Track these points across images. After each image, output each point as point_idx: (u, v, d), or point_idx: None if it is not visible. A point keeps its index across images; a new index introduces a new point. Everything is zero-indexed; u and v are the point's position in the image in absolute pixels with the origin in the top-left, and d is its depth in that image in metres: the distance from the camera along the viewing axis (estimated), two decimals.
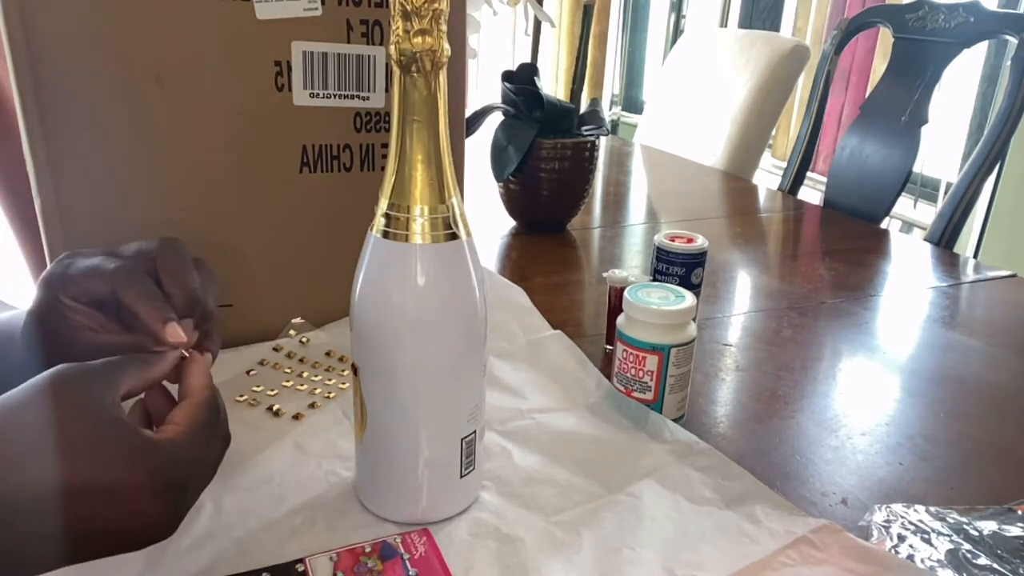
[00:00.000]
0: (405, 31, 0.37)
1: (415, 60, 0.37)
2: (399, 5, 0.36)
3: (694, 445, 0.53)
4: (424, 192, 0.40)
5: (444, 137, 0.39)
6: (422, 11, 0.36)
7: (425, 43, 0.37)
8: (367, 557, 0.41)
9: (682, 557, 0.43)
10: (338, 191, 0.65)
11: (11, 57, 0.52)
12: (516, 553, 0.43)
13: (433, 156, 0.39)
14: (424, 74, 0.37)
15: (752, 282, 0.92)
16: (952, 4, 1.19)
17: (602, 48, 3.29)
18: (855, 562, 0.42)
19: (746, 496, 0.48)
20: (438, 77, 0.38)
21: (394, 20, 0.37)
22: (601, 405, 0.58)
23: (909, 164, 1.20)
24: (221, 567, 0.40)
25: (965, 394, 0.65)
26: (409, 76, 0.37)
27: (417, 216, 0.40)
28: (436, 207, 0.40)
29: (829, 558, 0.42)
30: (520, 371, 0.62)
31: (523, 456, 0.52)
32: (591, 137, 0.98)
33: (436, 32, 0.37)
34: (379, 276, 0.41)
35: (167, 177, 0.59)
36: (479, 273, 0.43)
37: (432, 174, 0.39)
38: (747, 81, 1.61)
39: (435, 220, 0.40)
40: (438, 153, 0.39)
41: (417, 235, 0.40)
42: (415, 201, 0.40)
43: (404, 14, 0.36)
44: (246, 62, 0.59)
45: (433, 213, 0.40)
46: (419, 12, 0.36)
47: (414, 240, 0.40)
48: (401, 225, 0.40)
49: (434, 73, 0.38)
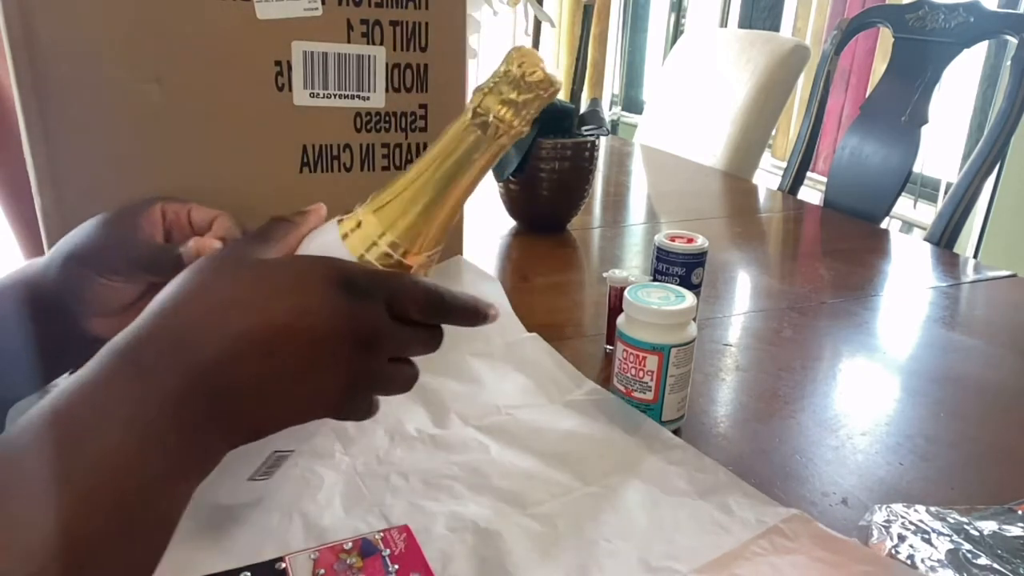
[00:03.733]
0: (500, 92, 0.36)
1: (488, 124, 0.36)
2: (513, 69, 0.35)
3: (669, 440, 0.53)
4: (430, 242, 0.38)
5: (457, 201, 0.38)
6: (527, 89, 0.36)
7: (507, 117, 0.36)
8: (347, 554, 0.41)
9: (657, 548, 0.44)
10: (338, 191, 0.65)
11: (11, 57, 0.52)
12: (494, 546, 0.43)
13: (449, 211, 0.38)
14: (483, 137, 0.36)
15: (752, 282, 0.92)
16: (952, 4, 1.19)
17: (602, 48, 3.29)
18: (824, 551, 0.43)
19: (719, 487, 0.49)
20: (491, 147, 0.37)
21: (497, 76, 0.36)
22: (576, 401, 0.58)
23: (909, 164, 1.20)
24: (200, 567, 0.40)
25: (965, 394, 0.65)
26: (473, 129, 0.36)
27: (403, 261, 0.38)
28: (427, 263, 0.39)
29: (799, 547, 0.43)
30: (497, 369, 0.63)
31: (500, 451, 0.52)
32: (591, 137, 0.98)
33: (523, 118, 0.36)
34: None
35: (167, 177, 0.59)
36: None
37: (443, 225, 0.38)
38: (747, 81, 1.61)
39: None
40: (448, 211, 0.38)
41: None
42: (419, 249, 0.38)
43: (511, 78, 0.36)
44: (246, 62, 0.59)
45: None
46: (524, 87, 0.36)
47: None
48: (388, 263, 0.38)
49: (494, 146, 0.37)
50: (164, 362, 0.31)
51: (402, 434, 0.53)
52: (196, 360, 0.31)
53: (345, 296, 0.34)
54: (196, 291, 0.33)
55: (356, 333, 0.34)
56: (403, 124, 0.66)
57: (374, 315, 0.35)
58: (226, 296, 0.33)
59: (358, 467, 0.50)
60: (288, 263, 0.36)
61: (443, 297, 0.36)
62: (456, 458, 0.51)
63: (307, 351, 0.33)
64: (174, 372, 0.31)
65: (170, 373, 0.31)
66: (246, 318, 0.32)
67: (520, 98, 0.36)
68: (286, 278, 0.34)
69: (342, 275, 0.34)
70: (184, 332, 0.32)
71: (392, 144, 0.67)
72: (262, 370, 0.32)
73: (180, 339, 0.31)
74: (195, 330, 0.32)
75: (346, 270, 0.35)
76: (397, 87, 0.65)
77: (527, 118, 0.36)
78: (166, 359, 0.31)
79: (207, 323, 0.32)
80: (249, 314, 0.32)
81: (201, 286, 0.34)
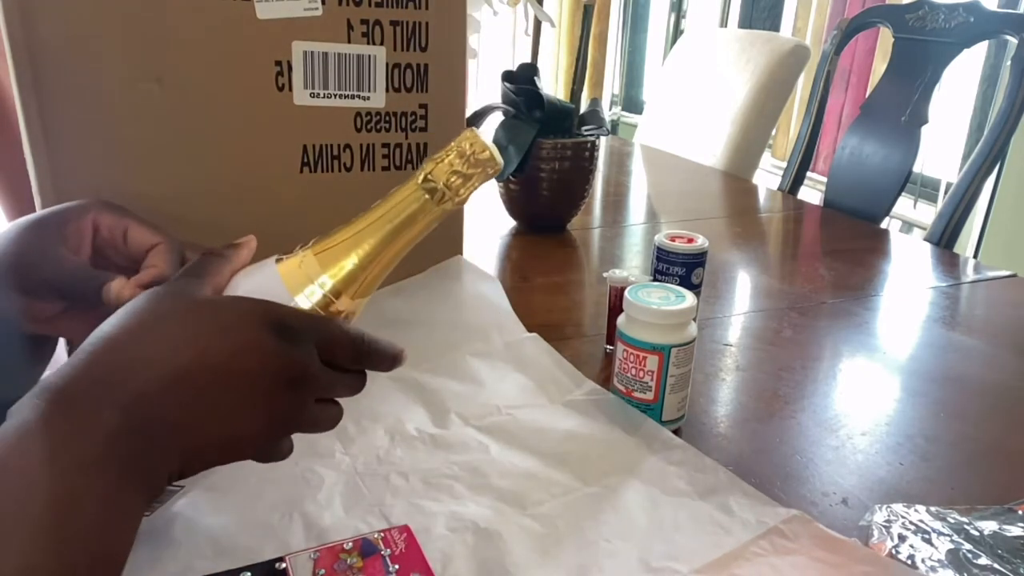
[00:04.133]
0: (451, 164, 0.39)
1: (436, 190, 0.39)
2: (464, 146, 0.39)
3: (669, 440, 0.53)
4: (364, 289, 0.40)
5: (394, 255, 0.40)
6: (475, 165, 0.39)
7: (455, 185, 0.39)
8: (347, 554, 0.41)
9: (657, 548, 0.44)
10: (338, 191, 0.65)
11: (11, 57, 0.52)
12: (494, 547, 0.43)
13: (386, 263, 0.40)
14: (430, 201, 0.39)
15: (752, 282, 0.92)
16: (952, 4, 1.19)
17: (602, 48, 3.29)
18: (824, 552, 0.43)
19: (719, 488, 0.49)
20: (434, 211, 0.40)
21: (449, 150, 0.39)
22: (576, 401, 0.58)
23: (909, 164, 1.20)
24: (199, 567, 0.40)
25: (965, 394, 0.65)
26: (421, 192, 0.39)
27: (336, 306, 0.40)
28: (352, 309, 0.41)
29: (800, 548, 0.43)
30: (497, 369, 0.63)
31: (500, 451, 0.52)
32: (591, 137, 0.98)
33: (468, 188, 0.40)
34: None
35: (167, 177, 0.59)
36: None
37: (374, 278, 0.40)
38: (747, 81, 1.61)
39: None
40: (384, 263, 0.40)
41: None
42: (353, 294, 0.40)
43: (461, 153, 0.39)
44: (246, 62, 0.59)
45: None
46: (472, 163, 0.39)
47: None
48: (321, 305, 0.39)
49: (437, 210, 0.40)
50: (98, 398, 0.31)
51: (402, 434, 0.53)
52: (129, 395, 0.32)
53: (277, 339, 0.35)
54: (132, 328, 0.34)
55: (286, 374, 0.35)
56: (403, 124, 0.66)
57: (304, 358, 0.36)
58: (161, 333, 0.34)
59: (358, 467, 0.50)
60: (224, 303, 0.37)
61: (368, 345, 0.39)
62: (456, 458, 0.51)
63: (238, 390, 0.34)
64: (109, 407, 0.31)
65: (104, 408, 0.31)
66: (180, 355, 0.33)
67: (467, 171, 0.39)
68: (222, 318, 0.35)
69: (276, 318, 0.36)
70: (117, 368, 0.32)
71: (392, 144, 0.67)
72: (195, 407, 0.33)
73: (113, 375, 0.32)
74: (129, 366, 0.33)
75: (280, 313, 0.36)
76: (397, 87, 0.65)
77: (470, 190, 0.40)
78: (100, 395, 0.31)
79: (141, 359, 0.33)
80: (183, 352, 0.33)
81: (138, 324, 0.34)
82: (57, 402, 0.31)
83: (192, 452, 0.34)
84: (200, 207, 0.61)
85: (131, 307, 0.35)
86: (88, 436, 0.30)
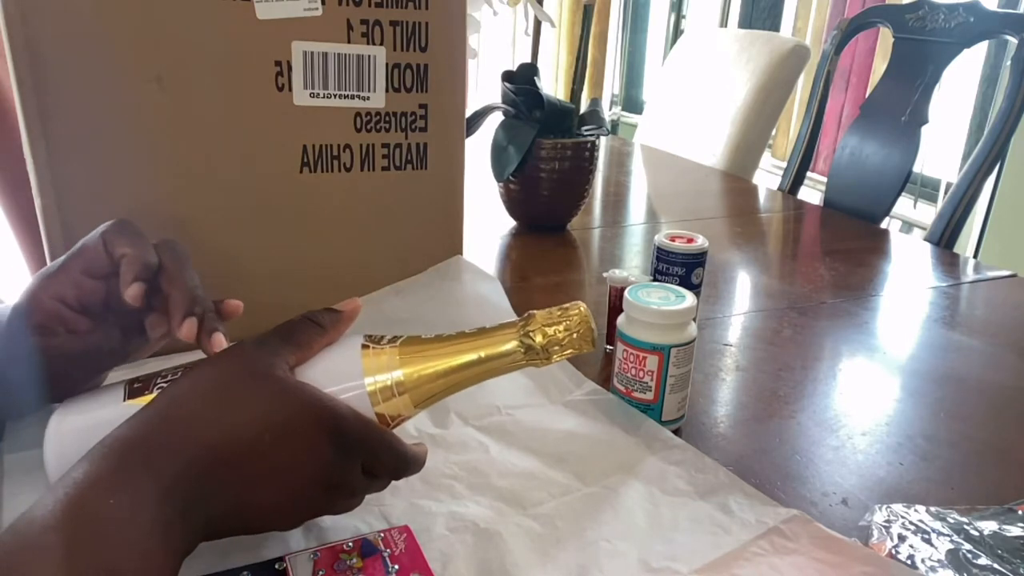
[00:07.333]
0: (555, 332, 0.42)
1: (532, 348, 0.42)
2: (574, 322, 0.42)
3: (669, 440, 0.53)
4: (429, 401, 0.43)
5: (466, 380, 0.42)
6: (575, 342, 0.42)
7: (550, 352, 0.42)
8: (347, 555, 0.41)
9: (657, 548, 0.44)
10: (338, 191, 0.65)
11: (11, 57, 0.52)
12: (494, 547, 0.43)
13: (460, 387, 0.43)
14: (521, 355, 0.42)
15: (752, 282, 0.92)
16: (952, 4, 1.19)
17: (602, 48, 3.29)
18: (824, 552, 0.43)
19: (719, 487, 0.49)
20: (520, 363, 0.42)
21: (560, 319, 0.42)
22: (576, 401, 0.58)
23: (909, 164, 1.20)
24: (199, 567, 0.40)
25: (965, 394, 0.65)
26: (518, 344, 0.42)
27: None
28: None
29: (799, 548, 0.43)
30: None
31: (500, 451, 0.52)
32: (591, 137, 0.98)
33: (559, 357, 0.42)
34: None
35: (167, 177, 0.59)
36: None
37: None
38: (747, 81, 1.61)
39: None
40: (452, 384, 0.42)
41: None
42: (417, 401, 0.42)
43: (569, 328, 0.42)
44: (246, 62, 0.59)
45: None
46: (574, 339, 0.42)
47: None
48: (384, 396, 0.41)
49: (523, 363, 0.42)
50: (150, 463, 0.33)
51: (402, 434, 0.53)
52: (179, 465, 0.34)
53: (332, 449, 0.37)
54: (201, 394, 0.37)
55: (328, 481, 0.38)
56: (403, 124, 0.66)
57: (349, 469, 0.39)
58: (227, 407, 0.36)
59: None
60: (295, 395, 0.38)
61: (408, 460, 0.42)
62: (456, 458, 0.51)
63: (280, 482, 0.37)
64: (159, 475, 0.33)
65: (156, 475, 0.33)
66: (234, 442, 0.35)
67: (566, 343, 0.42)
68: (288, 411, 0.37)
69: (336, 427, 0.37)
70: (171, 438, 0.34)
71: (392, 144, 0.67)
72: (238, 490, 0.36)
73: (170, 439, 0.34)
74: (187, 433, 0.35)
75: (341, 425, 0.38)
76: (397, 87, 0.65)
77: (560, 358, 0.42)
78: (158, 460, 0.33)
79: (193, 434, 0.35)
80: (238, 439, 0.35)
81: (211, 390, 0.37)
82: (111, 464, 0.33)
83: (225, 526, 0.37)
84: (200, 207, 0.61)
85: (203, 368, 0.38)
86: (138, 501, 0.32)
